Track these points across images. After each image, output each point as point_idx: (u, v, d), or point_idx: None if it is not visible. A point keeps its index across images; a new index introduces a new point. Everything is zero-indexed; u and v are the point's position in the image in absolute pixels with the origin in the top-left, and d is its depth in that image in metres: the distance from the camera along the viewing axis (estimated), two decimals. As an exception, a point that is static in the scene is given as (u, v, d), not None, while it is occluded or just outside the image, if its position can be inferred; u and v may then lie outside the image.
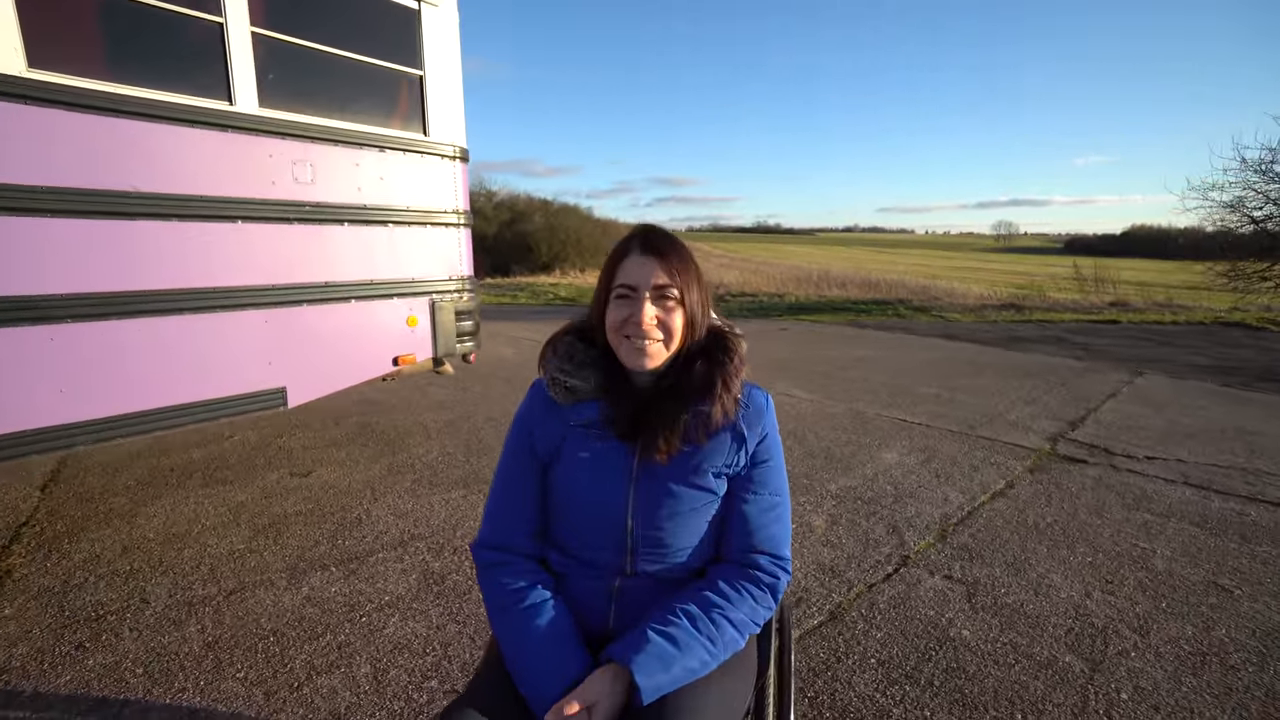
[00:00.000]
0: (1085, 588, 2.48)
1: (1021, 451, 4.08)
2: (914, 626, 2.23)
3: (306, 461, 3.83)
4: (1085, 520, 3.09)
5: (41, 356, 2.36)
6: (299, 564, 2.64)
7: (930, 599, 2.40)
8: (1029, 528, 3.00)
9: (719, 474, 1.06)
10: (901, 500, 3.31)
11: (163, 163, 2.55)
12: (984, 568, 2.63)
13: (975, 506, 3.24)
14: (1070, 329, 10.08)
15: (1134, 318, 11.48)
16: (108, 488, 3.42)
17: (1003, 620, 2.26)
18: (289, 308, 2.97)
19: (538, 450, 1.11)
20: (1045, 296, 14.53)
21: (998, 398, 5.47)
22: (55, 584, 2.49)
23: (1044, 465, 3.85)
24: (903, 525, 3.02)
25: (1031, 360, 7.29)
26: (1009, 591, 2.45)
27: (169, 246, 2.59)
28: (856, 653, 2.09)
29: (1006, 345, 8.38)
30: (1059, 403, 5.29)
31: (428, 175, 3.51)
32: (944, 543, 2.85)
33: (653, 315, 1.01)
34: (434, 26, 3.44)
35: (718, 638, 0.97)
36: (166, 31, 2.59)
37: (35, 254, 2.33)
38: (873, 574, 2.58)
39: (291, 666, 2.02)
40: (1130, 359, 7.41)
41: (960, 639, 2.15)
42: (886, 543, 2.85)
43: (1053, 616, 2.29)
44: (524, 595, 1.03)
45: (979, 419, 4.81)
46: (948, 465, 3.83)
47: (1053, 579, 2.54)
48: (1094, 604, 2.37)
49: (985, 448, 4.15)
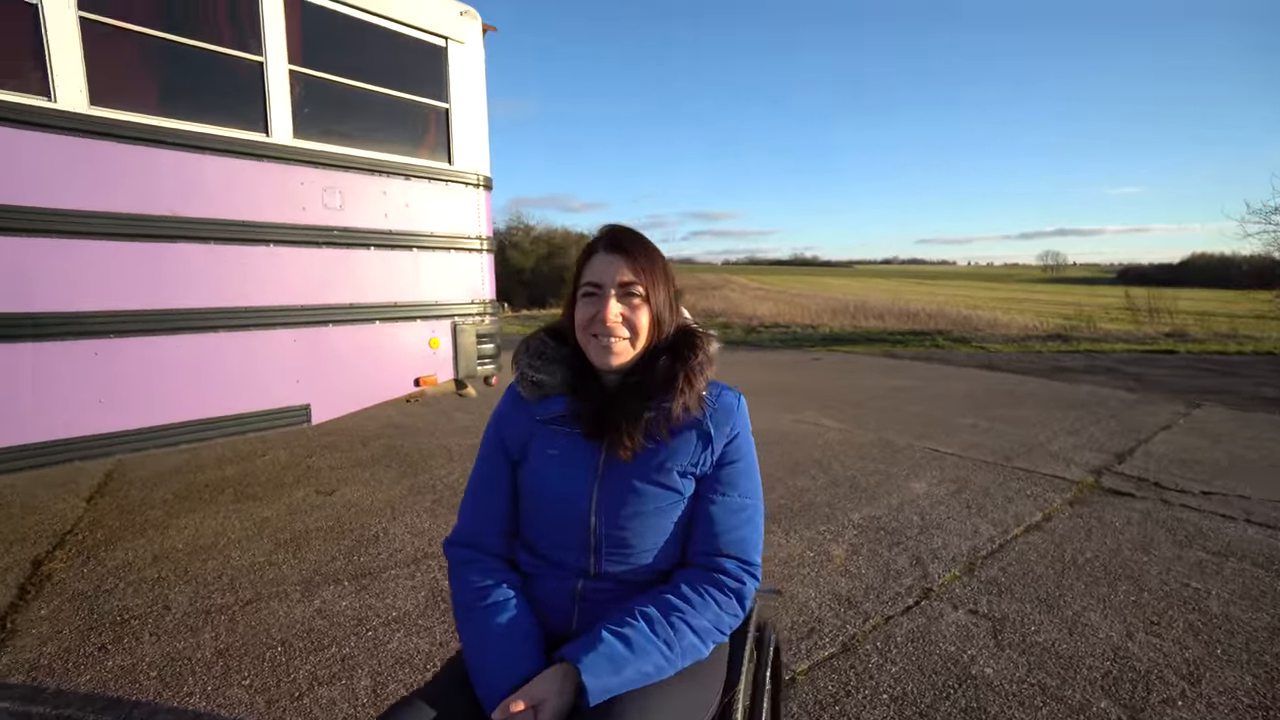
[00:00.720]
0: (1127, 628, 2.30)
1: (1061, 484, 3.86)
2: (932, 662, 2.10)
3: (332, 480, 3.93)
4: (1129, 557, 2.88)
5: (85, 369, 2.52)
6: (314, 578, 2.69)
7: (952, 634, 2.26)
8: (1065, 563, 2.81)
9: (685, 473, 1.04)
10: (928, 531, 3.17)
11: (203, 190, 2.73)
12: (1013, 603, 2.47)
13: (1007, 539, 3.06)
14: (1122, 359, 9.60)
15: (1193, 348, 10.86)
16: (146, 500, 3.57)
17: (1031, 660, 2.11)
18: (316, 328, 3.09)
19: (508, 448, 1.12)
20: (1095, 327, 13.92)
21: (1039, 429, 5.22)
22: (89, 588, 2.59)
23: (1086, 498, 3.63)
24: (927, 557, 2.88)
25: (1077, 391, 6.95)
26: (1040, 630, 2.29)
27: (206, 268, 2.76)
28: (868, 687, 1.98)
29: (1051, 376, 8.03)
30: (1106, 434, 5.01)
31: (452, 202, 3.65)
32: (971, 576, 2.70)
33: (618, 312, 1.02)
34: (460, 62, 3.63)
35: (675, 643, 0.94)
36: (211, 69, 2.81)
37: (86, 273, 2.51)
38: (891, 606, 2.46)
39: (295, 676, 2.04)
40: (1188, 390, 6.99)
41: (982, 677, 2.02)
42: (908, 574, 2.72)
43: (1088, 658, 2.12)
44: (488, 593, 1.03)
45: (1017, 450, 4.58)
46: (980, 496, 3.65)
47: (1090, 618, 2.37)
48: (1136, 646, 2.19)
49: (1022, 479, 3.94)
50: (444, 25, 3.56)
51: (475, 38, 3.75)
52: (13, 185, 2.35)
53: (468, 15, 3.69)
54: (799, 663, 2.11)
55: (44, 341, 2.41)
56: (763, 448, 4.62)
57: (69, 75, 2.42)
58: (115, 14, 2.54)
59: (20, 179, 2.36)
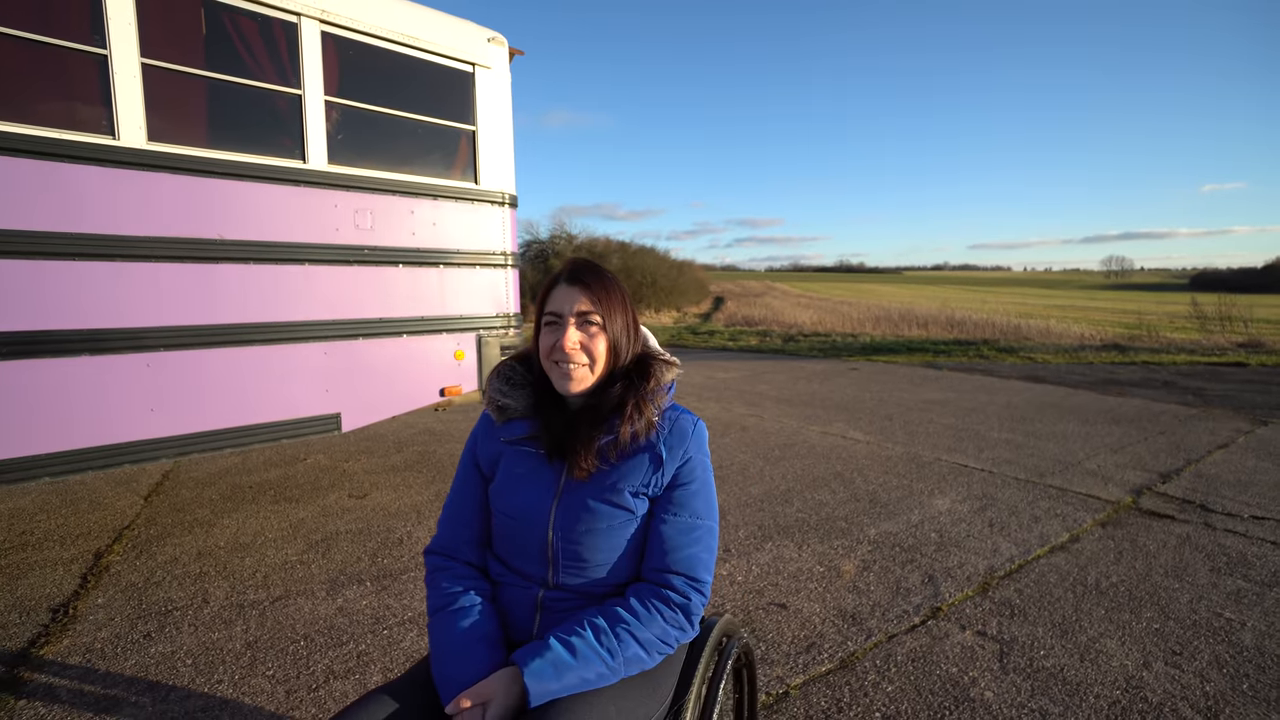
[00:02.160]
0: (1144, 657, 2.21)
1: (1095, 503, 3.71)
2: (931, 683, 2.07)
3: (365, 485, 4.13)
4: (1159, 583, 2.75)
5: (139, 379, 2.76)
6: (340, 577, 2.85)
7: (955, 655, 2.22)
8: (1087, 587, 2.71)
9: (637, 493, 1.10)
10: (945, 549, 3.10)
11: (244, 214, 2.97)
12: (1024, 626, 2.41)
13: (1028, 560, 2.98)
14: (1182, 372, 9.06)
15: (1268, 360, 10.14)
16: (196, 499, 3.84)
17: (1035, 685, 2.06)
18: (346, 341, 3.29)
19: (481, 466, 1.20)
20: (1158, 336, 13.15)
21: (1079, 444, 5.01)
22: (139, 580, 2.82)
23: (1120, 519, 3.47)
24: (940, 575, 2.83)
25: (1127, 405, 6.62)
26: (1049, 654, 2.23)
27: (247, 286, 2.99)
28: (861, 704, 1.97)
29: (1100, 389, 7.66)
30: (1152, 452, 4.77)
31: (478, 220, 3.82)
32: (984, 596, 2.64)
33: (575, 340, 1.09)
34: (486, 86, 3.80)
35: (618, 652, 1.00)
36: (254, 103, 3.06)
37: (141, 293, 2.76)
38: (896, 624, 2.43)
39: (314, 670, 2.18)
40: (1255, 406, 6.56)
41: (981, 700, 1.98)
42: (919, 592, 2.68)
43: (1097, 685, 2.06)
44: (456, 599, 1.11)
45: (1051, 467, 4.42)
46: (1005, 514, 3.55)
47: (1106, 644, 2.29)
48: (1152, 676, 2.11)
49: (1052, 497, 3.81)
50: (472, 52, 3.73)
51: (502, 62, 3.92)
52: (81, 215, 2.61)
53: (495, 41, 3.86)
54: (794, 677, 2.12)
55: (101, 355, 2.67)
56: (785, 460, 4.63)
57: (131, 115, 2.68)
58: (172, 58, 2.80)
59: (87, 210, 2.63)
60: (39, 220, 2.52)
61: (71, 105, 2.63)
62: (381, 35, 3.36)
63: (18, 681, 2.12)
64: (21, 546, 3.17)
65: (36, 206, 2.51)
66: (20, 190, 2.49)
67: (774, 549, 3.14)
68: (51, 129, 2.55)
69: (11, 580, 2.81)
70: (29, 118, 2.52)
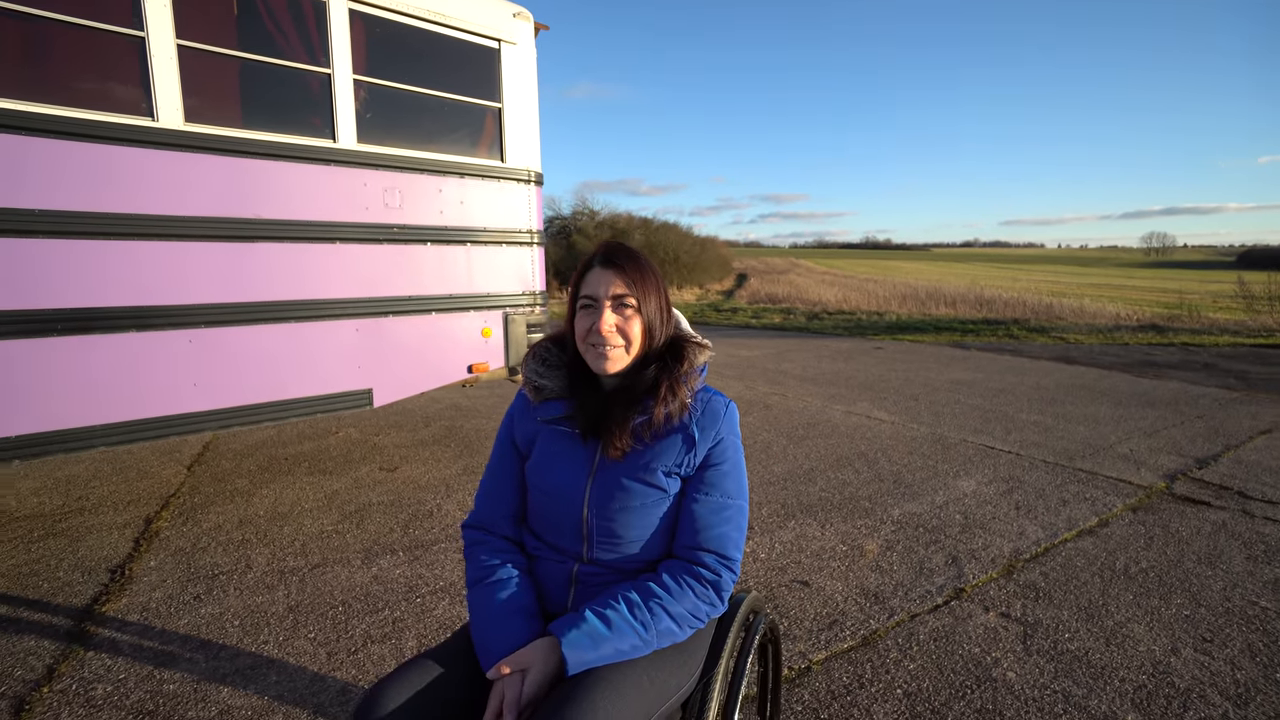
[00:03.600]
0: (1173, 643, 2.20)
1: (1126, 488, 3.65)
2: (953, 662, 2.09)
3: (395, 458, 4.25)
4: (1191, 569, 2.72)
5: (182, 355, 2.86)
6: (373, 547, 2.95)
7: (978, 635, 2.24)
8: (1116, 571, 2.69)
9: (669, 473, 1.12)
10: (969, 530, 3.10)
11: (278, 193, 3.03)
12: (1049, 609, 2.40)
13: (1054, 543, 2.96)
14: (1224, 354, 8.76)
15: (1316, 343, 9.74)
16: (235, 470, 4.00)
17: (1059, 667, 2.07)
18: (377, 318, 3.36)
19: (518, 443, 1.24)
20: (1200, 317, 12.71)
21: (1111, 428, 4.90)
22: (187, 545, 2.97)
23: (1152, 504, 3.42)
24: (964, 556, 2.83)
25: (1163, 388, 6.44)
26: (1074, 637, 2.23)
27: (281, 264, 3.06)
28: (882, 680, 2.01)
29: (1136, 371, 7.46)
30: (1188, 437, 4.65)
31: (504, 198, 3.83)
32: (1008, 579, 2.64)
33: (611, 323, 1.10)
34: (512, 62, 3.77)
35: (652, 625, 1.03)
36: (285, 83, 3.09)
37: (182, 271, 2.85)
38: (919, 604, 2.45)
39: (352, 634, 2.28)
40: (1298, 390, 6.33)
41: (1003, 680, 2.00)
42: (942, 573, 2.69)
43: (1122, 669, 2.05)
44: (494, 571, 1.15)
45: (1081, 450, 4.35)
46: (1032, 497, 3.51)
47: (1133, 629, 2.28)
48: (1180, 662, 2.10)
49: (1081, 481, 3.75)
50: (497, 27, 3.70)
51: (527, 37, 3.88)
52: (124, 196, 2.69)
53: (520, 17, 3.82)
54: (817, 652, 2.16)
55: (147, 331, 2.77)
56: (808, 440, 4.63)
57: (168, 97, 2.73)
58: (206, 39, 2.83)
59: (132, 190, 2.70)
60: (86, 201, 2.61)
61: (113, 88, 2.69)
62: (408, 12, 3.35)
63: (85, 635, 2.27)
64: (80, 511, 3.35)
65: (83, 188, 2.60)
66: (69, 173, 2.57)
67: (797, 527, 3.16)
68: (95, 111, 2.61)
69: (73, 542, 2.98)
70: (76, 101, 2.60)
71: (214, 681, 2.01)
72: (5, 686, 1.98)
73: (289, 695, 1.95)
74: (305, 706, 1.90)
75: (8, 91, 2.47)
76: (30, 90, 2.52)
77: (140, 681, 2.01)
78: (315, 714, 1.87)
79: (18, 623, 2.33)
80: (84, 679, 2.02)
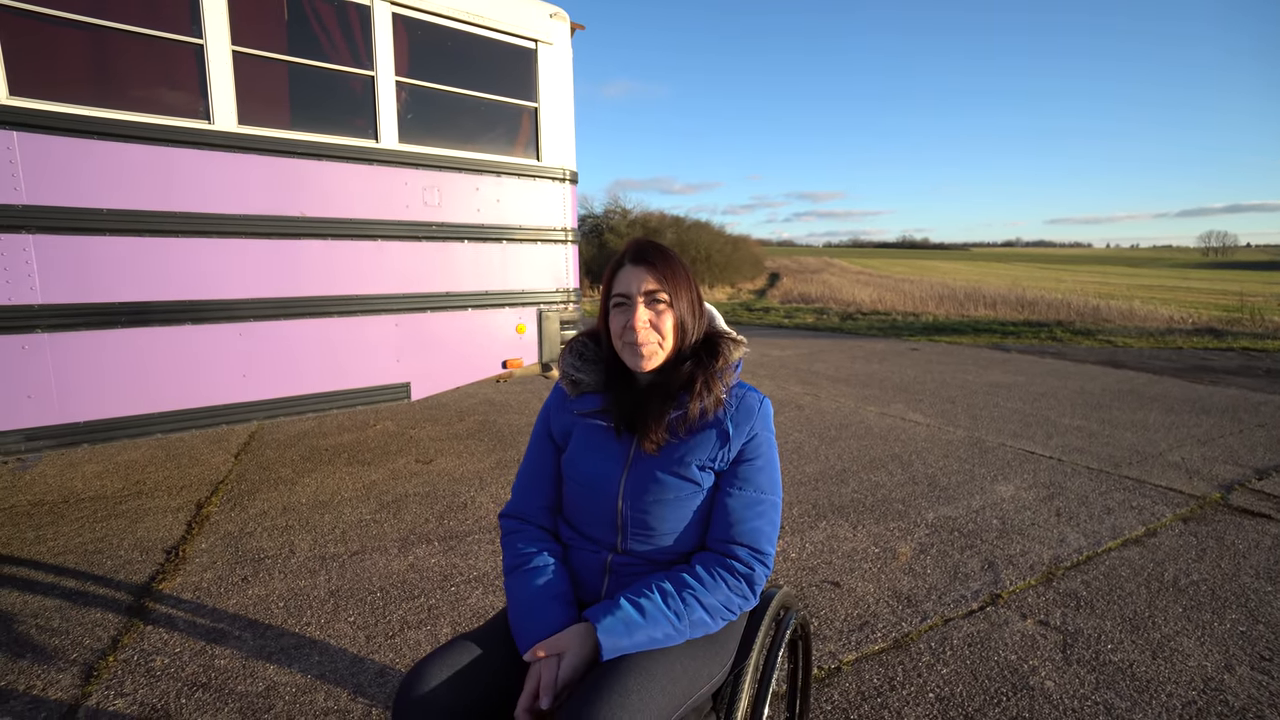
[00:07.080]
0: (1227, 660, 2.11)
1: (1177, 497, 3.51)
2: (988, 669, 2.05)
3: (430, 451, 4.35)
4: (1248, 584, 2.60)
5: (232, 348, 3.00)
6: (410, 536, 3.04)
7: (1014, 643, 2.19)
8: (1164, 583, 2.59)
9: (704, 467, 1.14)
10: (1007, 536, 3.02)
11: (323, 192, 3.14)
12: (1091, 619, 2.33)
13: (1098, 552, 2.86)
14: (1287, 360, 8.32)
15: (1390, 349, 9.16)
16: (279, 459, 4.16)
17: (1101, 678, 2.01)
18: (416, 314, 3.46)
19: (554, 436, 1.27)
20: (1262, 320, 12.06)
21: (1161, 434, 4.71)
22: (235, 529, 3.11)
23: (1204, 515, 3.28)
24: (1001, 562, 2.76)
25: (1220, 394, 6.15)
26: (1118, 649, 2.16)
27: (325, 261, 3.18)
28: (914, 684, 1.98)
29: (1190, 376, 7.14)
30: (1247, 446, 4.44)
31: (539, 197, 3.89)
32: (1047, 586, 2.57)
33: (645, 319, 1.12)
34: (549, 62, 3.83)
35: (684, 615, 1.05)
36: (330, 85, 3.20)
37: (233, 267, 2.98)
38: (953, 609, 2.41)
39: (390, 619, 2.36)
40: (1369, 399, 5.97)
41: (1041, 689, 1.95)
42: (978, 578, 2.63)
43: (1170, 684, 1.98)
44: (530, 559, 1.19)
45: (1129, 457, 4.19)
46: (1074, 504, 3.41)
47: (1182, 643, 2.19)
48: (1235, 680, 2.01)
49: (1128, 489, 3.62)
50: (534, 28, 3.76)
51: (564, 38, 3.93)
52: (183, 195, 2.83)
53: (557, 17, 3.87)
54: (847, 653, 2.14)
55: (201, 324, 2.91)
56: (841, 440, 4.57)
57: (223, 100, 2.86)
58: (259, 44, 2.95)
59: (189, 190, 2.84)
60: (149, 200, 2.75)
61: (172, 93, 2.83)
62: (447, 14, 3.43)
63: (144, 610, 2.40)
64: (137, 494, 3.53)
65: (145, 188, 2.74)
66: (132, 173, 2.72)
67: (828, 528, 3.14)
68: (156, 115, 2.75)
69: (132, 523, 3.15)
70: (138, 106, 2.74)
71: (261, 659, 2.10)
72: (76, 654, 2.12)
73: (330, 675, 2.03)
74: (345, 686, 1.98)
75: (78, 98, 2.62)
76: (96, 96, 2.67)
77: (194, 655, 2.12)
78: (355, 693, 1.94)
79: (86, 596, 2.49)
80: (144, 650, 2.14)
